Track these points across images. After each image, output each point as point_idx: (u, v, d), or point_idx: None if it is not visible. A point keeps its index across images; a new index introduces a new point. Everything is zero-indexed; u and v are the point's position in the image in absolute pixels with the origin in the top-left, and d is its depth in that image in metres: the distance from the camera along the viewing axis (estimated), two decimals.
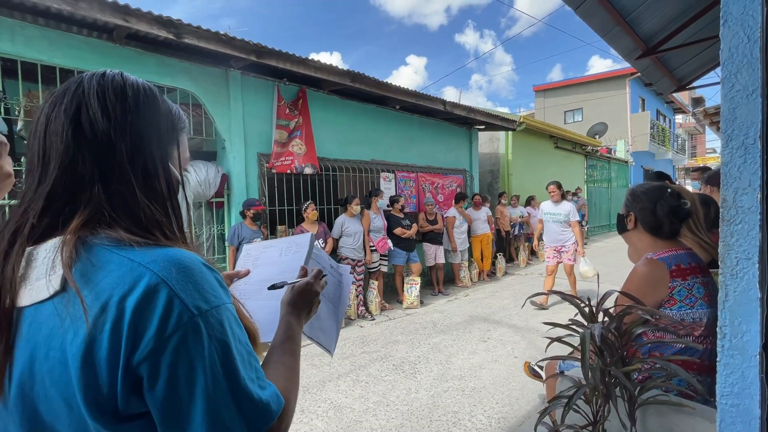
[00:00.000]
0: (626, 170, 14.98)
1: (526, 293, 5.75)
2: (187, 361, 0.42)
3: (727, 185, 0.84)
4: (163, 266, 0.44)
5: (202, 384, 0.42)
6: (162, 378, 0.41)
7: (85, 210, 0.47)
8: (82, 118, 0.49)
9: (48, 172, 0.48)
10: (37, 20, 3.13)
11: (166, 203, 0.54)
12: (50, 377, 0.42)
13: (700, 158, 23.78)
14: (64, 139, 0.48)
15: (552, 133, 10.13)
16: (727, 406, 0.85)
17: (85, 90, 0.50)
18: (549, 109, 18.73)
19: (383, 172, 5.89)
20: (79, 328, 0.42)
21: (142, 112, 0.53)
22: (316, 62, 4.43)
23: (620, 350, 0.93)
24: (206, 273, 0.47)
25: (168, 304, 0.42)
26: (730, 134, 0.84)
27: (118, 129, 0.50)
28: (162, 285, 0.43)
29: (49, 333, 0.43)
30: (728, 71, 0.85)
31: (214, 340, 0.44)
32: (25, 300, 0.45)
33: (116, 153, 0.49)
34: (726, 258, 0.85)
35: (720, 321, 0.86)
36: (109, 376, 0.41)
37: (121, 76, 0.53)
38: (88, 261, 0.44)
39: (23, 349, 0.44)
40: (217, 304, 0.46)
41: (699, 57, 3.74)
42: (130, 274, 0.43)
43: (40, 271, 0.45)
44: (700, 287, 1.21)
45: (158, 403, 0.42)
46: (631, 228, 1.41)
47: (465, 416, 2.55)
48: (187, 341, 0.42)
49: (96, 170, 0.48)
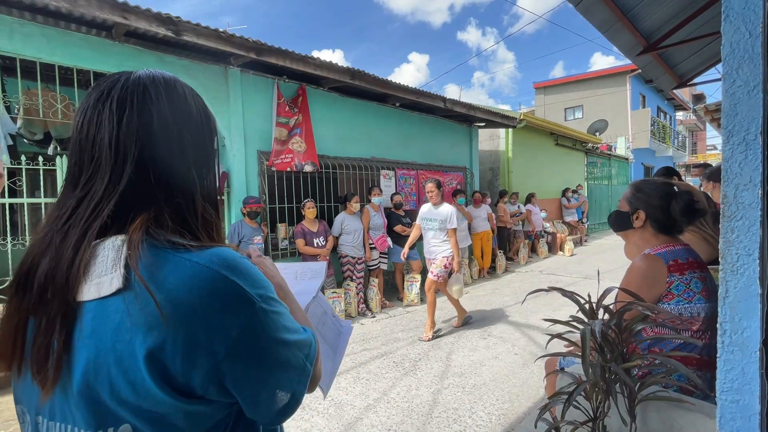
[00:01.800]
0: (627, 167, 14.96)
1: (526, 290, 5.75)
2: (263, 340, 0.49)
3: (728, 181, 0.84)
4: (221, 264, 0.48)
5: (279, 350, 0.50)
6: (244, 363, 0.47)
7: (149, 210, 0.50)
8: (154, 123, 0.52)
9: (123, 173, 0.50)
10: (36, 18, 3.12)
11: (213, 204, 0.58)
12: (118, 367, 0.44)
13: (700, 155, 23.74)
14: (138, 142, 0.50)
15: (552, 130, 10.11)
16: (727, 401, 0.86)
17: (152, 94, 0.53)
18: (549, 106, 18.69)
19: (383, 170, 5.88)
20: (151, 323, 0.44)
21: (203, 117, 0.57)
22: (315, 59, 4.42)
23: (620, 346, 0.93)
24: (249, 264, 0.51)
25: (236, 297, 0.47)
26: (731, 130, 0.84)
27: (184, 134, 0.54)
28: (226, 280, 0.47)
29: (116, 327, 0.45)
30: (729, 67, 0.85)
31: (275, 314, 0.51)
32: (87, 295, 0.47)
33: (184, 155, 0.53)
34: (726, 254, 0.85)
35: (720, 317, 0.86)
36: (185, 365, 0.44)
37: (177, 80, 0.57)
38: (150, 261, 0.47)
39: (87, 342, 0.46)
40: (269, 287, 0.52)
41: (700, 53, 3.73)
42: (194, 273, 0.46)
43: (102, 268, 0.47)
44: (698, 282, 1.21)
45: (242, 384, 0.47)
46: (638, 226, 1.35)
47: (465, 413, 2.56)
48: (262, 324, 0.48)
49: (161, 173, 0.51)
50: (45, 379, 0.47)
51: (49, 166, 3.22)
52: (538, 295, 5.34)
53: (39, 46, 3.12)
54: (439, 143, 6.93)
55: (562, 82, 18.83)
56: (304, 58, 4.32)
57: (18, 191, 3.17)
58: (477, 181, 7.80)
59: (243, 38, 3.84)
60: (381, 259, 5.17)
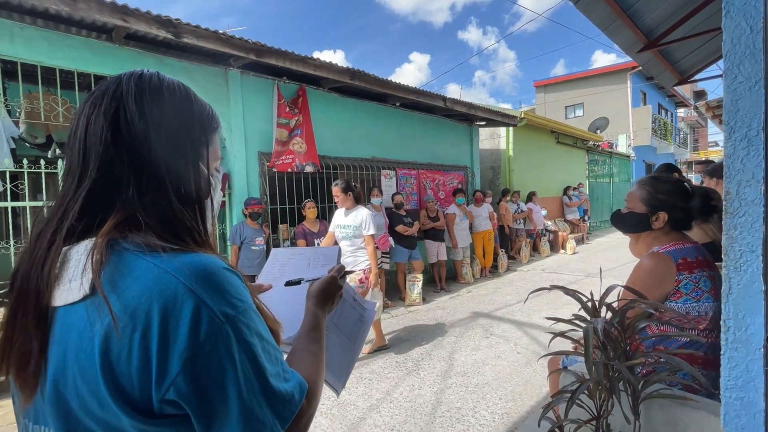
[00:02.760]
0: (628, 165, 14.92)
1: (528, 289, 5.74)
2: (220, 368, 0.43)
3: (730, 177, 0.84)
4: (189, 274, 0.44)
5: (235, 388, 0.44)
6: (197, 386, 0.42)
7: (119, 212, 0.48)
8: (120, 120, 0.49)
9: (87, 173, 0.49)
10: (36, 21, 3.13)
11: (195, 206, 0.54)
12: (82, 378, 0.43)
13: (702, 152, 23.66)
14: (103, 140, 0.49)
15: (553, 128, 10.09)
16: (731, 399, 0.85)
17: (124, 92, 0.51)
18: (550, 105, 18.65)
19: (384, 170, 5.88)
20: (108, 334, 0.42)
21: (177, 114, 0.53)
22: (315, 60, 4.42)
23: (623, 344, 0.93)
24: (230, 276, 0.48)
25: (196, 314, 0.43)
26: (732, 126, 0.84)
27: (154, 131, 0.50)
28: (189, 294, 0.43)
29: (79, 335, 0.44)
30: (731, 62, 0.84)
31: (242, 343, 0.45)
32: (58, 300, 0.46)
33: (152, 155, 0.50)
34: (729, 251, 0.84)
35: (724, 314, 0.86)
36: (140, 383, 0.42)
37: (158, 77, 0.54)
38: (117, 266, 0.45)
39: (57, 349, 0.45)
40: (243, 308, 0.47)
41: (701, 49, 3.71)
42: (156, 283, 0.43)
43: (72, 273, 0.46)
44: (707, 280, 1.20)
45: (195, 408, 0.43)
46: (657, 227, 1.31)
47: (468, 412, 2.55)
48: (218, 349, 0.43)
49: (132, 172, 0.49)
50: (25, 385, 0.46)
51: (50, 170, 3.23)
52: (540, 294, 5.32)
53: (40, 50, 3.13)
54: (439, 142, 6.92)
55: (563, 80, 18.78)
56: (304, 58, 4.32)
57: (20, 194, 3.19)
58: (478, 180, 7.79)
59: (242, 39, 3.84)
60: (383, 259, 5.16)
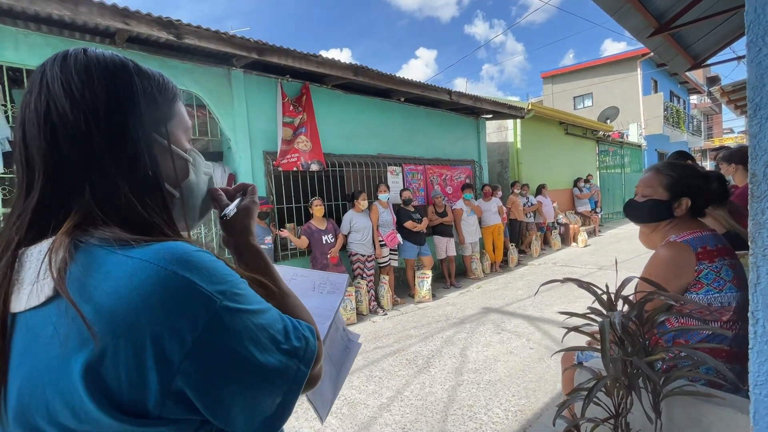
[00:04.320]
0: (640, 154, 14.61)
1: (539, 283, 5.64)
2: (232, 345, 0.41)
3: (756, 158, 0.78)
4: (170, 259, 0.40)
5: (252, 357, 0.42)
6: (207, 366, 0.40)
7: (76, 212, 0.44)
8: (52, 113, 0.44)
9: (34, 180, 0.44)
10: (40, 28, 3.15)
11: (156, 193, 0.48)
12: (53, 389, 0.39)
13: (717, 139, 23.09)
14: (41, 142, 0.44)
15: (562, 119, 9.92)
16: (761, 395, 0.80)
17: (49, 80, 0.45)
18: (558, 95, 18.35)
19: (390, 166, 5.84)
20: (81, 336, 0.38)
21: (114, 92, 0.46)
22: (318, 57, 4.39)
23: (642, 339, 0.87)
24: (208, 256, 0.44)
25: (190, 297, 0.39)
26: (758, 103, 0.77)
27: (92, 117, 0.44)
28: (175, 277, 0.39)
29: (47, 341, 0.39)
30: (754, 34, 0.78)
31: (245, 313, 0.43)
32: (17, 305, 0.42)
33: (93, 148, 0.44)
34: (757, 238, 0.78)
35: (752, 305, 0.80)
36: (131, 382, 0.38)
37: (85, 53, 0.47)
38: (82, 264, 0.40)
39: (20, 359, 0.41)
40: (234, 281, 0.44)
41: (715, 32, 3.58)
42: (135, 273, 0.39)
43: (32, 274, 0.42)
44: (729, 270, 1.14)
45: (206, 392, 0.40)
46: (679, 214, 1.25)
47: (481, 410, 2.51)
48: (227, 325, 0.40)
49: (80, 171, 0.44)
50: None
51: None
52: (552, 288, 5.23)
53: (44, 56, 3.10)
54: (445, 137, 6.84)
55: (570, 70, 18.45)
56: (307, 56, 4.29)
57: None
58: (486, 174, 7.69)
59: (244, 39, 3.83)
60: (391, 256, 5.13)
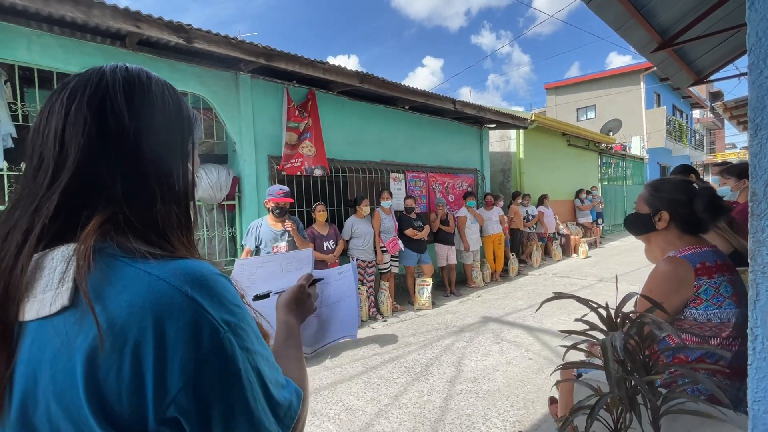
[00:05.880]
0: (642, 167, 14.63)
1: (539, 293, 5.65)
2: (226, 380, 0.41)
3: (756, 177, 0.79)
4: (185, 280, 0.41)
5: (242, 399, 0.42)
6: (200, 401, 0.39)
7: (101, 212, 0.43)
8: (107, 112, 0.46)
9: (65, 167, 0.44)
10: (53, 29, 3.20)
11: (183, 206, 0.51)
12: (57, 402, 0.38)
13: (719, 154, 23.09)
14: (86, 132, 0.44)
15: (564, 130, 9.96)
16: (759, 412, 0.80)
17: (110, 83, 0.47)
18: (561, 107, 18.44)
19: (393, 173, 5.86)
20: (93, 350, 0.37)
21: (168, 111, 0.50)
22: (324, 64, 4.43)
23: (641, 356, 0.88)
24: (225, 282, 0.45)
25: (197, 323, 0.40)
26: (759, 123, 0.79)
27: (145, 126, 0.47)
28: (188, 302, 0.40)
29: (55, 353, 0.39)
30: (756, 57, 0.80)
31: (245, 351, 0.43)
32: (28, 314, 0.41)
33: (141, 151, 0.46)
34: (757, 255, 0.80)
35: (751, 322, 0.81)
36: (132, 403, 0.38)
37: (146, 72, 0.51)
38: (102, 274, 0.40)
39: (25, 369, 0.40)
40: (242, 315, 0.44)
41: (718, 48, 3.62)
42: (149, 291, 0.39)
43: (48, 282, 0.41)
44: (728, 286, 1.14)
45: (196, 424, 0.39)
46: (661, 228, 1.28)
47: (479, 419, 2.50)
48: (222, 359, 0.40)
49: (117, 168, 0.45)
50: None
51: None
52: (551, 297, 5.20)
53: (56, 57, 3.20)
54: (449, 145, 6.88)
55: (574, 82, 18.56)
56: (313, 62, 4.33)
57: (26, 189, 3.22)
58: (488, 183, 7.71)
59: (252, 44, 3.87)
60: (392, 263, 5.14)
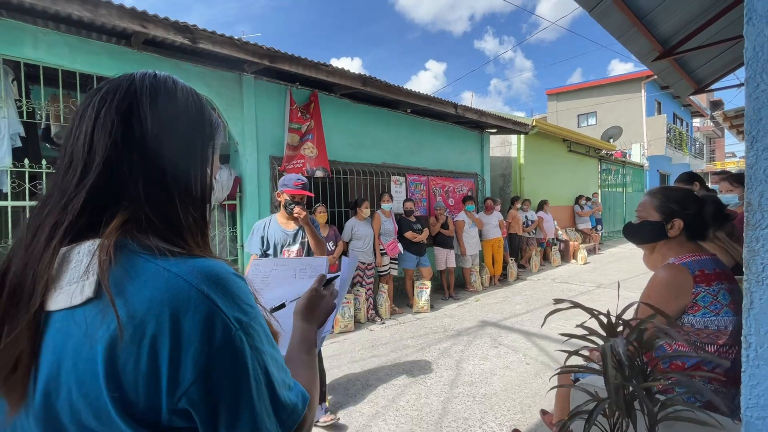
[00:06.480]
0: (642, 175, 14.68)
1: (538, 299, 5.66)
2: (235, 377, 0.42)
3: (752, 188, 0.81)
4: (201, 278, 0.43)
5: (247, 397, 0.43)
6: (210, 395, 0.41)
7: (124, 211, 0.46)
8: (133, 116, 0.49)
9: (93, 166, 0.47)
10: (59, 27, 3.22)
11: (201, 208, 0.53)
12: (79, 389, 0.40)
13: (719, 162, 23.15)
14: (112, 135, 0.47)
15: (565, 136, 9.99)
16: (752, 418, 0.82)
17: (138, 89, 0.50)
18: (562, 113, 18.50)
19: (394, 176, 5.88)
20: (113, 341, 0.39)
21: (190, 117, 0.53)
22: (328, 66, 4.46)
23: (640, 362, 0.90)
24: (240, 282, 0.47)
25: (210, 320, 0.41)
26: (755, 136, 0.81)
27: (166, 131, 0.50)
28: (203, 299, 0.42)
29: (78, 342, 0.41)
30: (753, 70, 0.82)
31: (255, 351, 0.44)
32: (53, 304, 0.43)
33: (162, 155, 0.49)
34: (751, 264, 0.81)
35: (745, 330, 0.83)
36: (148, 393, 0.40)
37: (173, 79, 0.54)
38: (124, 269, 0.43)
39: (50, 357, 0.42)
40: (254, 315, 0.46)
41: (719, 58, 3.65)
42: (167, 287, 0.42)
43: (73, 275, 0.43)
44: (726, 294, 1.16)
45: (204, 417, 0.42)
46: (673, 235, 1.29)
47: (476, 423, 2.51)
48: (233, 357, 0.42)
49: (140, 170, 0.48)
50: (11, 395, 0.43)
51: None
52: (549, 302, 5.24)
53: (61, 54, 3.22)
54: (450, 149, 6.90)
55: (575, 88, 18.63)
56: (317, 64, 4.36)
57: (39, 194, 3.26)
58: (488, 187, 7.73)
59: (257, 45, 3.90)
60: (391, 265, 5.15)
